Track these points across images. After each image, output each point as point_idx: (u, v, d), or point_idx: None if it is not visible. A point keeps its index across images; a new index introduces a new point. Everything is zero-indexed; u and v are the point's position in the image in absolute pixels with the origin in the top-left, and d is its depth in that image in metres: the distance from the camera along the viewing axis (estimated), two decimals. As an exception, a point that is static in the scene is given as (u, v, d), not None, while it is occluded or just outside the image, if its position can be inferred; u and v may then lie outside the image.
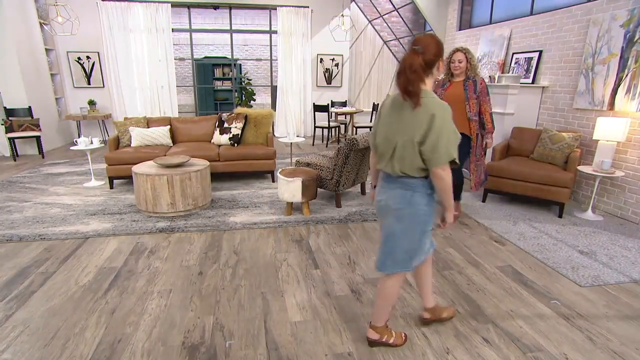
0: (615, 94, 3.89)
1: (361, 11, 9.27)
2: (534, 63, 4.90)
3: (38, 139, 6.49)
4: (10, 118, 6.38)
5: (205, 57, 12.81)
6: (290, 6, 8.25)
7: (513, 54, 5.28)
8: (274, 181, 5.17)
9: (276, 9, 8.24)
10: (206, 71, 11.95)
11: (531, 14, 5.09)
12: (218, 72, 12.04)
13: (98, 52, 7.86)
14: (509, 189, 4.13)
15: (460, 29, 6.61)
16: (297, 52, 8.53)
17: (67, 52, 7.75)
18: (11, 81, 6.44)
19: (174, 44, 8.39)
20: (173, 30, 8.10)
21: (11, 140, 6.32)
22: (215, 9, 9.33)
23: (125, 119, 5.31)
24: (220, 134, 5.17)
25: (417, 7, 6.80)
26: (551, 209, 4.15)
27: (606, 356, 1.99)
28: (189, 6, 8.34)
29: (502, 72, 5.49)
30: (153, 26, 7.87)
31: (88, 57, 7.86)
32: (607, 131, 3.74)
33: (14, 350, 1.99)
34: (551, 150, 4.16)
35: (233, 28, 8.76)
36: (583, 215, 3.94)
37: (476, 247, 3.27)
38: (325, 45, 8.68)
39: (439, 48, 1.71)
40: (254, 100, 10.67)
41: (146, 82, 8.13)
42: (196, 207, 4.00)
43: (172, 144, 5.29)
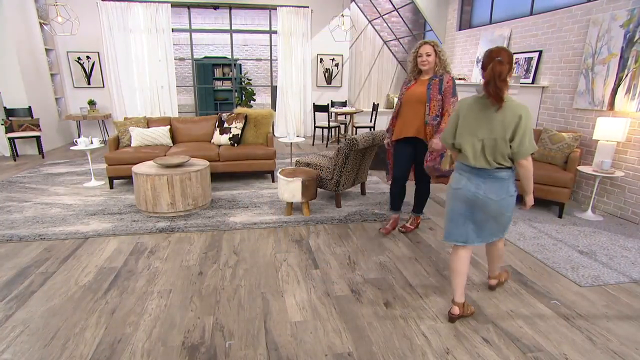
0: (615, 94, 3.89)
1: (361, 11, 9.27)
2: (534, 63, 4.90)
3: (38, 139, 6.49)
4: (10, 118, 6.38)
5: (205, 57, 12.81)
6: (290, 6, 8.25)
7: (513, 54, 5.28)
8: (274, 181, 5.17)
9: (276, 9, 8.24)
10: (206, 71, 11.95)
11: (531, 14, 5.09)
12: (218, 72, 12.04)
13: (98, 52, 7.86)
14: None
15: (460, 29, 6.61)
16: (297, 52, 8.53)
17: (67, 52, 7.75)
18: (11, 81, 6.44)
19: (174, 44, 8.40)
20: (173, 30, 8.10)
21: (11, 140, 6.32)
22: (215, 9, 9.33)
23: (125, 119, 5.32)
24: (220, 134, 5.17)
25: (417, 7, 6.80)
26: (551, 209, 4.15)
27: (606, 356, 1.99)
28: (189, 6, 8.34)
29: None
30: (153, 26, 7.86)
31: (88, 57, 7.86)
32: (607, 131, 3.74)
33: (14, 350, 1.99)
34: (551, 151, 4.16)
35: (233, 28, 8.76)
36: (583, 216, 3.95)
37: (476, 247, 3.26)
38: (325, 45, 8.68)
39: (511, 57, 1.98)
40: (254, 100, 10.67)
41: (146, 82, 8.13)
42: (196, 207, 4.00)
43: (172, 144, 5.29)
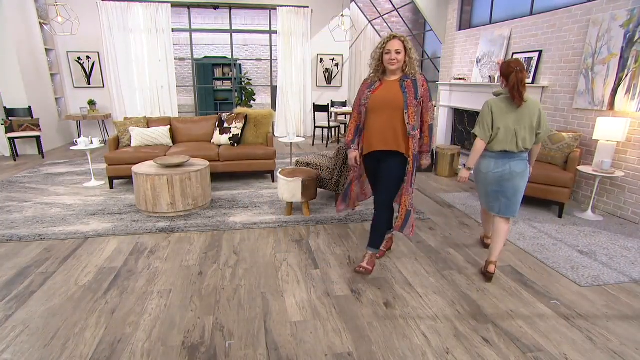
0: (615, 94, 3.89)
1: (361, 11, 9.27)
2: (533, 63, 4.89)
3: (38, 139, 6.49)
4: (10, 118, 6.39)
5: (205, 57, 12.81)
6: (290, 6, 8.25)
7: (513, 54, 5.28)
8: (274, 181, 5.17)
9: (276, 9, 8.24)
10: (206, 71, 11.95)
11: (531, 14, 5.09)
12: (218, 72, 12.05)
13: (98, 52, 7.86)
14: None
15: (460, 29, 6.61)
16: (297, 52, 8.53)
17: (67, 52, 7.75)
18: (11, 81, 6.44)
19: (174, 44, 8.40)
20: (173, 30, 8.10)
21: (11, 140, 6.32)
22: (215, 9, 9.33)
23: (125, 119, 5.32)
24: (220, 134, 5.17)
25: (417, 7, 6.79)
26: (551, 209, 4.15)
27: (606, 356, 1.99)
28: (189, 6, 8.35)
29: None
30: (153, 26, 7.87)
31: (88, 57, 7.87)
32: (607, 131, 3.74)
33: (14, 350, 1.99)
34: (551, 150, 4.16)
35: (233, 28, 8.77)
36: (583, 215, 3.94)
37: (476, 247, 3.27)
38: (325, 45, 8.68)
39: (524, 66, 2.60)
40: (254, 100, 10.67)
41: (146, 82, 8.13)
42: (196, 207, 4.00)
43: (172, 144, 5.29)
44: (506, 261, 3.02)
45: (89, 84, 8.00)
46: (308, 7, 8.31)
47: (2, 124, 6.25)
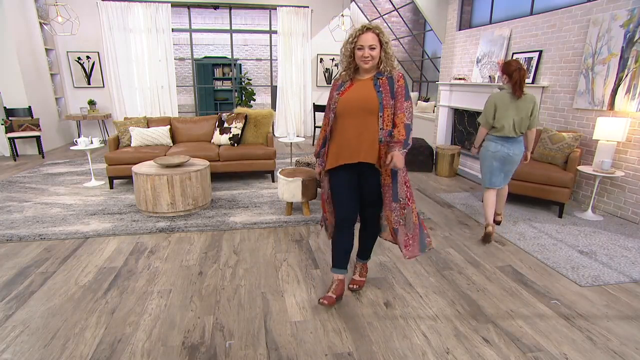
0: (615, 94, 3.89)
1: (361, 11, 9.27)
2: (534, 63, 4.89)
3: (38, 139, 6.49)
4: (10, 118, 6.39)
5: (205, 57, 12.81)
6: (290, 6, 8.25)
7: (513, 54, 5.28)
8: (274, 181, 5.17)
9: (276, 9, 8.24)
10: (206, 71, 11.95)
11: (531, 14, 5.08)
12: (218, 72, 12.04)
13: (98, 52, 7.87)
14: (509, 189, 4.12)
15: (460, 29, 6.61)
16: (297, 52, 8.53)
17: (67, 52, 7.75)
18: (11, 81, 6.44)
19: (174, 44, 8.40)
20: (173, 30, 8.10)
21: (11, 140, 6.32)
22: (215, 9, 9.33)
23: (125, 119, 5.32)
24: (220, 134, 5.17)
25: (417, 7, 6.79)
26: (551, 209, 4.15)
27: (606, 356, 1.99)
28: (189, 6, 8.35)
29: (502, 72, 5.47)
30: (153, 26, 7.87)
31: (88, 57, 7.87)
32: (607, 131, 3.74)
33: (14, 350, 1.99)
34: (551, 150, 4.16)
35: (233, 28, 8.77)
36: (583, 215, 3.94)
37: (476, 247, 3.27)
38: (325, 45, 8.68)
39: (522, 64, 3.19)
40: (254, 100, 10.67)
41: (146, 82, 8.13)
42: (196, 207, 4.00)
43: (172, 144, 5.29)
44: (506, 261, 3.02)
45: (89, 83, 8.00)
46: (308, 7, 8.31)
47: (2, 124, 6.25)
